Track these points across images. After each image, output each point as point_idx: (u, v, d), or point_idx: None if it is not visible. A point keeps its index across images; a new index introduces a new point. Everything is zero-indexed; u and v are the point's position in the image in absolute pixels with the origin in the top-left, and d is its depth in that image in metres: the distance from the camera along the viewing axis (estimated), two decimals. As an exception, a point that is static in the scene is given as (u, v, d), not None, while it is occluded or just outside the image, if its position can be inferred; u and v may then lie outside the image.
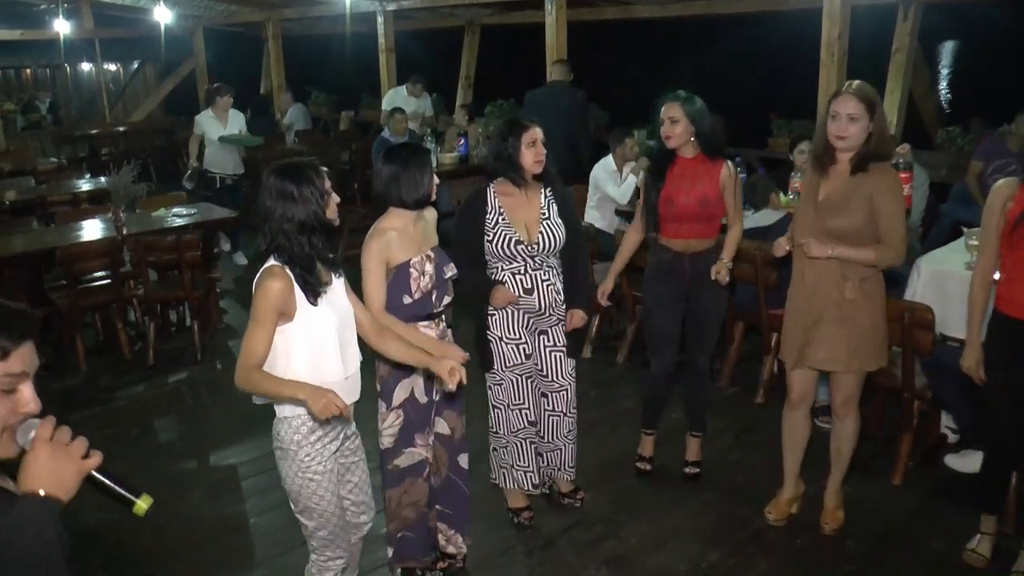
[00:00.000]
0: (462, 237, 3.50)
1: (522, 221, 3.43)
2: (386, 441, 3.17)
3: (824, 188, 3.24)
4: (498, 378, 3.57)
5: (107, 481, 1.49)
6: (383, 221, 3.04)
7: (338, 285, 2.62)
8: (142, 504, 1.51)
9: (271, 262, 2.48)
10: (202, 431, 4.82)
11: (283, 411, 2.56)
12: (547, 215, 3.46)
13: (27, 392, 1.45)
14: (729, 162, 3.72)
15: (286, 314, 2.45)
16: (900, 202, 3.20)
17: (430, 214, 3.16)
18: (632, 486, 4.03)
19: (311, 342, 2.50)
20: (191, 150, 8.06)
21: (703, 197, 3.65)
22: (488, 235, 3.43)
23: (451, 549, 3.42)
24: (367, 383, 2.76)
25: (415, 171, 2.98)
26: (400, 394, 3.11)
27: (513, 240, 3.40)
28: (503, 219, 3.42)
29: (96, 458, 1.45)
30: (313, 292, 2.48)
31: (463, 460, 3.36)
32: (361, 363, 2.67)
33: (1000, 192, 3.08)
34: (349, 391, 2.60)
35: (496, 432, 3.66)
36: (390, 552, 3.32)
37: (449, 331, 3.21)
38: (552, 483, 3.92)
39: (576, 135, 7.14)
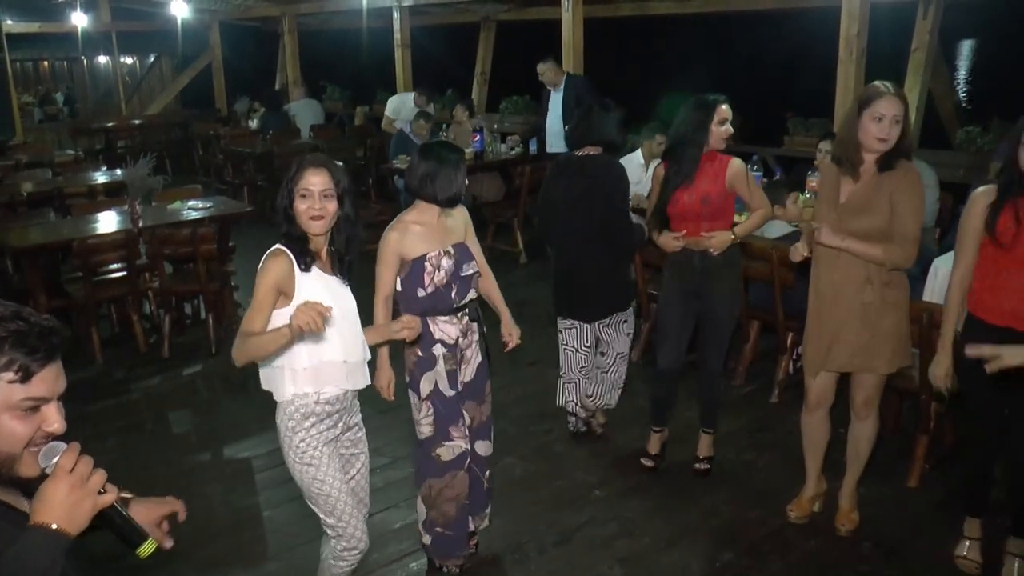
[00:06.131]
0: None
1: None
2: (426, 430, 3.19)
3: (845, 189, 3.19)
4: (570, 323, 4.14)
5: (117, 519, 1.43)
6: (408, 214, 3.09)
7: (344, 286, 2.63)
8: (147, 547, 1.45)
9: (277, 245, 2.53)
10: (216, 424, 4.84)
11: (279, 395, 2.59)
12: None
13: (52, 411, 1.37)
14: (735, 158, 3.72)
15: (286, 294, 2.47)
16: (917, 202, 3.11)
17: (460, 211, 3.18)
18: (645, 484, 4.01)
19: None
20: None
21: (704, 195, 3.66)
22: None
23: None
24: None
25: (451, 169, 3.02)
26: (425, 386, 3.14)
27: None
28: None
29: (112, 495, 1.39)
30: (307, 262, 2.50)
31: (480, 447, 3.35)
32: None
33: (980, 200, 2.93)
34: (348, 375, 2.64)
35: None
36: (428, 540, 3.29)
37: (474, 325, 3.21)
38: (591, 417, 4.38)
39: None
